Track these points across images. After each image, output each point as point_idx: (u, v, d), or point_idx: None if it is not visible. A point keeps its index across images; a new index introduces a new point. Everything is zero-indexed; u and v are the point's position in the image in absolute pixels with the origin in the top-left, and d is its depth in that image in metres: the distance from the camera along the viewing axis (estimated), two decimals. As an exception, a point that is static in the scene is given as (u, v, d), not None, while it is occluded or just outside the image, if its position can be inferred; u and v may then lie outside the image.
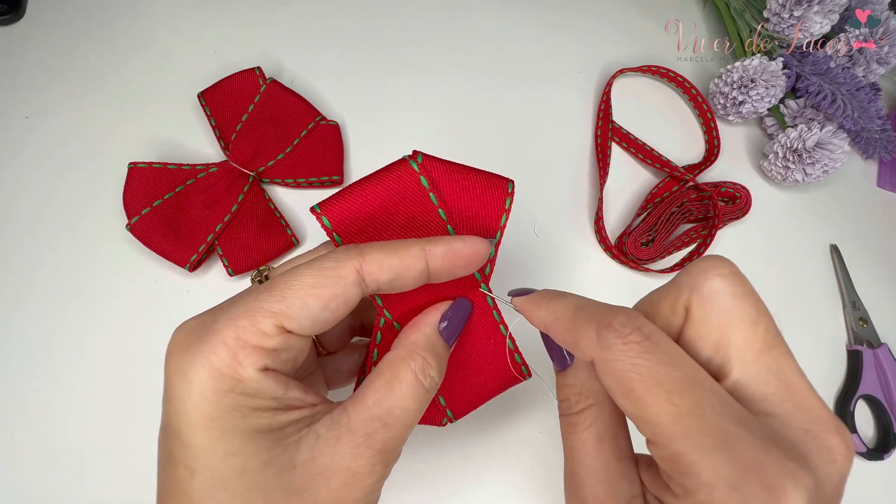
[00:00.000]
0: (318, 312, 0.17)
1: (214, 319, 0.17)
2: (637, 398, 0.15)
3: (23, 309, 0.35)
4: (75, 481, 0.32)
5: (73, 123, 0.40)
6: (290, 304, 0.17)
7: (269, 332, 0.17)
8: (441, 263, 0.19)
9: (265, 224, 0.38)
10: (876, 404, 0.41)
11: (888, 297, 0.45)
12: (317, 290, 0.17)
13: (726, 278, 0.17)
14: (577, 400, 0.19)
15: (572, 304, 0.18)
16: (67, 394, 0.34)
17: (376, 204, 0.20)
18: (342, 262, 0.18)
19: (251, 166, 0.39)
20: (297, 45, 0.46)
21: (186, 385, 0.16)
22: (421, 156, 0.21)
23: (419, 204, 0.21)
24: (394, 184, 0.20)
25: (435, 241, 0.19)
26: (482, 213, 0.21)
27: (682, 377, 0.15)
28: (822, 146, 0.43)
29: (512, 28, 0.50)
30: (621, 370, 0.15)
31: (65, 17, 0.44)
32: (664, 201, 0.44)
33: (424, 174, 0.21)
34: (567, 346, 0.18)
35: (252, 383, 0.16)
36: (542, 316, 0.19)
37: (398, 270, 0.18)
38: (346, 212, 0.20)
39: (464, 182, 0.21)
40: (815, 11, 0.44)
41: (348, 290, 0.18)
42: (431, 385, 0.19)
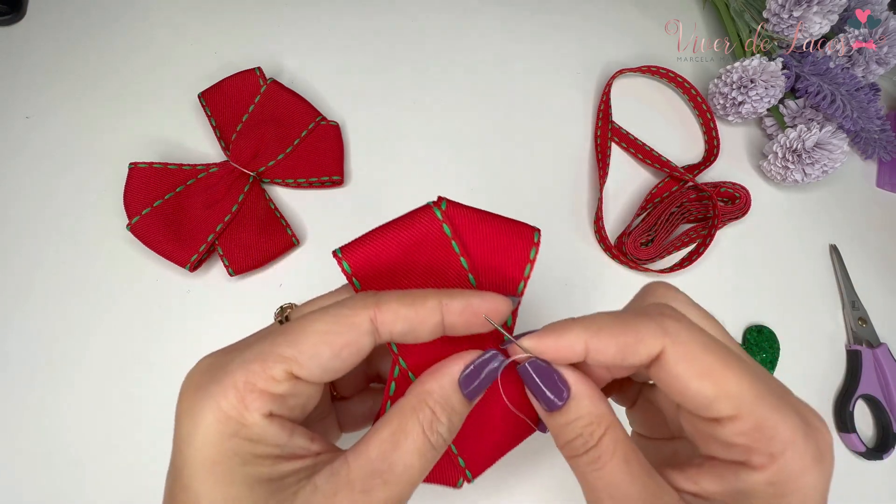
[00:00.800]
0: (328, 360, 0.17)
1: (229, 360, 0.17)
2: (717, 375, 0.16)
3: (23, 309, 0.35)
4: (75, 481, 0.32)
5: (73, 123, 0.41)
6: (302, 351, 0.17)
7: (278, 378, 0.16)
8: (457, 319, 0.18)
9: (265, 224, 0.38)
10: (875, 404, 0.41)
11: (888, 297, 0.45)
12: (329, 336, 0.17)
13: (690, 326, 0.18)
14: (592, 430, 0.18)
15: (608, 313, 0.18)
16: (67, 393, 0.34)
17: (398, 250, 0.20)
18: (357, 310, 0.17)
19: (251, 166, 0.39)
20: (298, 45, 0.46)
21: (193, 426, 0.16)
22: (445, 202, 0.20)
23: (441, 252, 0.20)
24: (416, 231, 0.20)
25: (453, 295, 0.18)
26: (506, 264, 0.21)
27: (732, 352, 0.17)
28: (822, 146, 0.43)
29: (512, 28, 0.50)
30: (697, 351, 0.16)
31: (65, 17, 0.44)
32: (664, 201, 0.44)
33: (448, 222, 0.20)
34: (623, 351, 0.17)
35: (256, 429, 0.16)
36: (576, 336, 0.17)
37: (413, 322, 0.18)
38: (367, 257, 0.20)
39: (487, 231, 0.21)
40: (815, 12, 0.44)
41: (361, 338, 0.17)
42: (439, 442, 0.18)
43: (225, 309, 0.37)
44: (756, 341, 0.41)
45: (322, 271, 0.39)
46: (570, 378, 0.18)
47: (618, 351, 0.17)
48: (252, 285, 0.38)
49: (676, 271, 0.43)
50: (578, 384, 0.18)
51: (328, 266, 0.39)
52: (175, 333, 0.36)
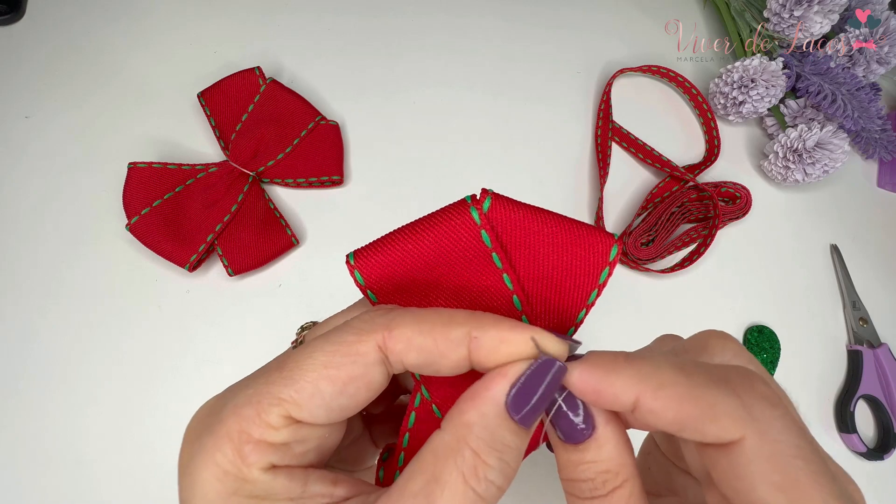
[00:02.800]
0: (331, 399, 0.14)
1: (224, 404, 0.14)
2: (800, 492, 0.12)
3: (22, 309, 0.35)
4: (75, 481, 0.32)
5: (73, 123, 0.40)
6: (300, 389, 0.14)
7: (275, 425, 0.14)
8: (488, 359, 0.14)
9: (265, 224, 0.38)
10: (876, 404, 0.41)
11: (888, 297, 0.45)
12: (331, 370, 0.14)
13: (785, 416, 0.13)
14: (606, 479, 0.15)
15: (674, 366, 0.14)
16: (66, 393, 0.34)
17: (423, 260, 0.16)
18: (362, 336, 0.14)
19: (251, 166, 0.39)
20: (298, 45, 0.46)
21: (191, 485, 0.14)
22: (489, 200, 0.15)
23: (478, 267, 0.16)
24: (446, 237, 0.15)
25: (485, 326, 0.14)
26: (566, 286, 0.16)
27: (826, 466, 0.13)
28: (822, 146, 0.43)
29: (512, 28, 0.50)
30: (786, 454, 0.12)
31: (65, 17, 0.44)
32: (664, 201, 0.44)
33: (487, 228, 0.15)
34: (683, 423, 0.13)
35: (260, 484, 0.14)
36: (630, 384, 0.13)
37: (430, 355, 0.14)
38: (385, 267, 0.16)
39: (545, 240, 0.15)
40: (815, 11, 0.44)
41: (369, 371, 0.14)
42: (490, 492, 0.14)
43: (224, 309, 0.37)
44: (756, 341, 0.41)
45: (322, 271, 0.39)
46: (598, 417, 0.15)
47: (675, 421, 0.13)
48: (251, 285, 0.38)
49: (677, 271, 0.42)
50: (607, 426, 0.15)
51: (328, 266, 0.39)
52: (174, 333, 0.36)
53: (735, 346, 0.16)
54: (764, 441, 0.13)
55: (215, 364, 0.35)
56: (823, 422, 0.41)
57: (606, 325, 0.40)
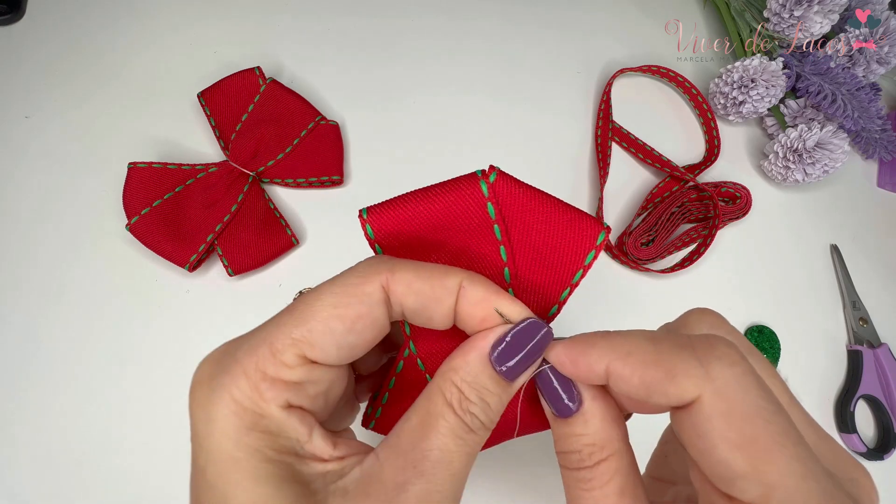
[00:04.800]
0: (342, 337, 0.15)
1: (237, 346, 0.15)
2: (759, 450, 0.12)
3: (22, 308, 0.35)
4: (75, 481, 0.32)
5: (73, 123, 0.40)
6: (313, 328, 0.15)
7: (290, 363, 0.15)
8: (472, 310, 0.16)
9: (265, 224, 0.38)
10: (876, 404, 0.41)
11: (888, 297, 0.45)
12: (340, 309, 0.15)
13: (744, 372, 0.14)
14: (592, 451, 0.16)
15: (644, 335, 0.15)
16: (67, 393, 0.34)
17: (431, 222, 0.17)
18: (368, 277, 0.15)
19: (251, 166, 0.39)
20: (297, 45, 0.46)
21: (208, 421, 0.14)
22: (495, 174, 0.17)
23: (479, 234, 0.17)
24: (456, 204, 0.17)
25: (476, 283, 0.16)
26: (553, 263, 0.17)
27: (793, 427, 0.13)
28: (822, 146, 0.43)
29: (512, 28, 0.50)
30: (743, 412, 0.13)
31: (65, 17, 0.44)
32: (664, 201, 0.44)
33: (493, 201, 0.17)
34: (648, 387, 0.14)
35: (275, 419, 0.15)
36: (602, 354, 0.15)
37: (426, 299, 0.16)
38: (395, 223, 0.17)
39: (540, 219, 0.17)
40: (815, 11, 0.44)
41: (374, 309, 0.15)
42: (475, 423, 0.16)
43: (224, 309, 0.37)
44: (756, 341, 0.41)
45: (322, 271, 0.39)
46: (585, 393, 0.16)
47: (642, 384, 0.14)
48: (251, 285, 0.38)
49: (677, 271, 0.42)
50: (593, 401, 0.16)
51: (328, 266, 0.39)
52: (174, 333, 0.36)
53: (712, 318, 0.17)
54: (720, 399, 0.13)
55: (215, 364, 0.35)
56: (823, 422, 0.41)
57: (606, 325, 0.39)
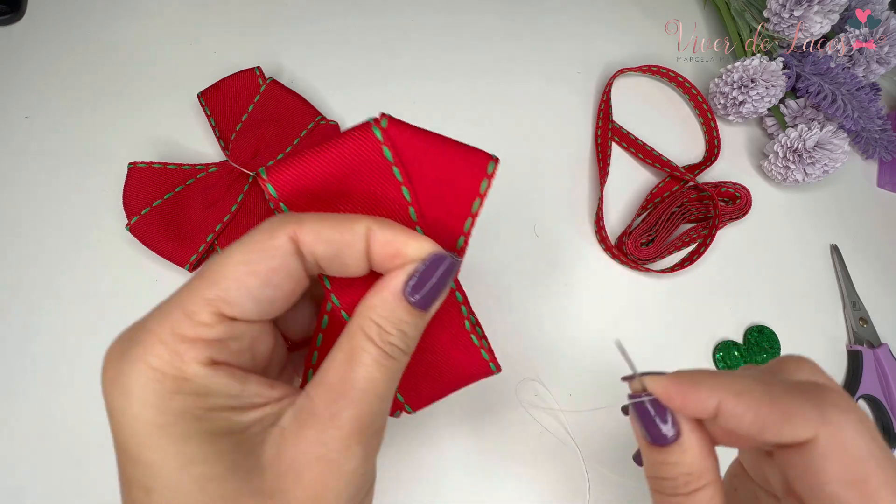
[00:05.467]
0: (259, 291, 0.15)
1: (147, 318, 0.15)
2: (870, 490, 0.14)
3: (22, 309, 0.35)
4: (75, 482, 0.32)
5: (73, 123, 0.40)
6: (226, 287, 0.15)
7: (208, 322, 0.15)
8: (383, 251, 0.17)
9: (265, 224, 0.38)
10: (876, 404, 0.41)
11: (888, 297, 0.45)
12: (251, 266, 0.15)
13: (860, 421, 0.15)
14: (688, 480, 0.17)
15: (752, 377, 0.16)
16: (67, 393, 0.34)
17: (332, 174, 0.17)
18: (275, 232, 0.16)
19: (251, 166, 0.39)
20: (297, 45, 0.46)
21: (124, 395, 0.14)
22: (386, 120, 0.17)
23: (381, 178, 0.18)
24: (353, 152, 0.17)
25: (383, 226, 0.16)
26: (453, 196, 0.18)
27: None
28: (822, 146, 0.43)
29: (512, 28, 0.50)
30: (857, 455, 0.14)
31: (65, 17, 0.44)
32: (664, 201, 0.44)
33: (388, 144, 0.17)
34: (762, 425, 0.15)
35: (200, 380, 0.14)
36: (713, 392, 0.16)
37: (337, 245, 0.16)
38: (296, 180, 0.17)
39: (435, 157, 0.18)
40: (815, 11, 0.44)
41: (286, 261, 0.16)
42: (396, 352, 0.17)
43: (224, 309, 0.37)
44: (756, 341, 0.41)
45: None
46: (684, 424, 0.17)
47: (755, 422, 0.15)
48: (252, 285, 0.38)
49: (677, 271, 0.42)
50: (691, 433, 0.17)
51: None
52: (175, 333, 0.36)
53: (811, 366, 0.18)
54: (836, 440, 0.14)
55: (215, 364, 0.35)
56: (823, 422, 0.41)
57: (606, 325, 0.40)
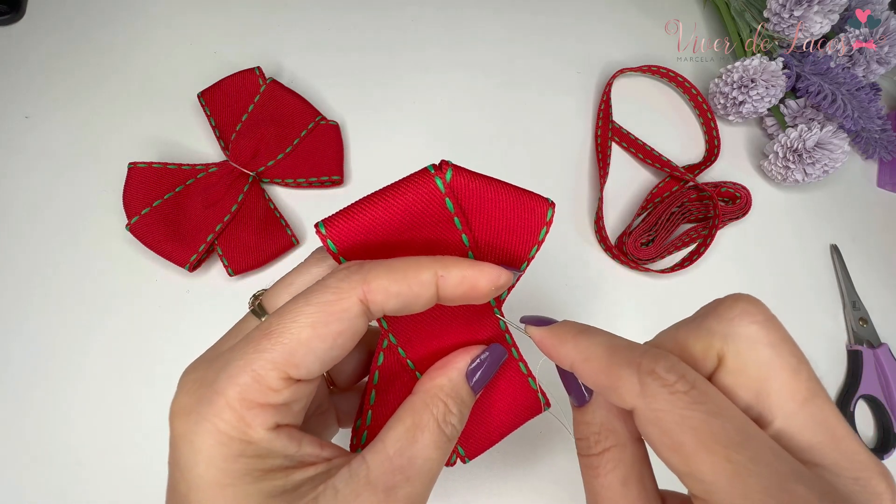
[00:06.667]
0: (324, 353, 0.16)
1: (215, 375, 0.15)
2: (689, 453, 0.14)
3: (22, 309, 0.35)
4: (75, 482, 0.32)
5: (73, 123, 0.40)
6: (294, 351, 0.15)
7: (276, 387, 0.15)
8: (454, 293, 0.17)
9: (265, 224, 0.38)
10: (876, 404, 0.41)
11: (888, 297, 0.45)
12: (319, 329, 0.15)
13: (763, 326, 0.15)
14: (597, 440, 0.18)
15: (604, 344, 0.17)
16: (67, 393, 0.34)
17: (390, 226, 0.17)
18: (344, 294, 0.16)
19: (251, 166, 0.39)
20: (297, 45, 0.46)
21: (193, 452, 0.15)
22: (450, 171, 0.17)
23: (440, 229, 0.18)
24: (414, 204, 0.17)
25: (448, 266, 0.17)
26: (511, 241, 0.19)
27: (735, 429, 0.14)
28: (822, 146, 0.43)
29: (512, 28, 0.50)
30: (670, 422, 0.14)
31: (65, 17, 0.44)
32: (664, 201, 0.44)
33: (451, 195, 0.17)
34: (600, 390, 0.17)
35: (264, 444, 0.15)
36: (569, 353, 0.17)
37: (406, 299, 0.16)
38: (355, 233, 0.17)
39: (496, 204, 0.18)
40: (815, 11, 0.44)
41: (354, 323, 0.16)
42: (453, 434, 0.18)
43: (224, 309, 0.37)
44: (756, 341, 0.41)
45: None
46: None
47: (596, 388, 0.17)
48: (251, 285, 0.38)
49: (677, 271, 0.42)
50: (599, 395, 0.18)
51: (328, 266, 0.39)
52: (174, 333, 0.36)
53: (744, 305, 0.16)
54: (647, 412, 0.15)
55: (215, 364, 0.35)
56: (823, 422, 0.41)
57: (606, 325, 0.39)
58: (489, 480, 0.35)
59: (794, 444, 0.15)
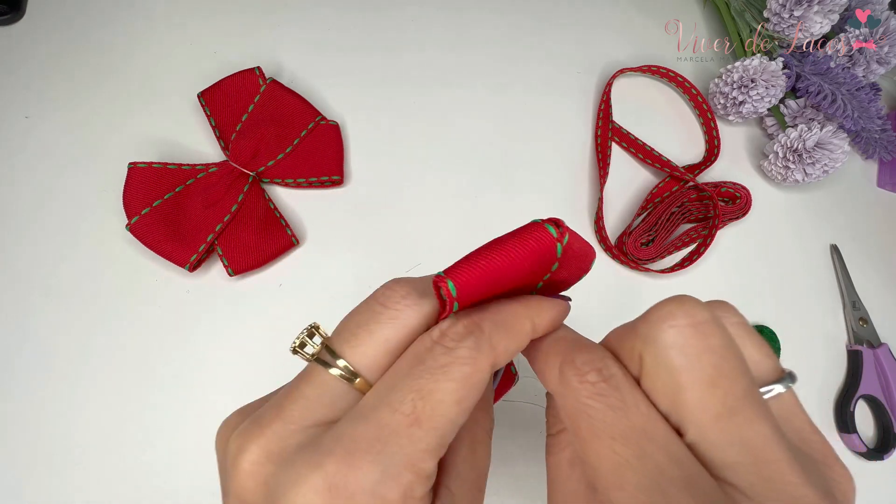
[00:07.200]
0: (462, 421, 0.16)
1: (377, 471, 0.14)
2: (581, 439, 0.15)
3: (22, 309, 0.35)
4: (76, 482, 0.32)
5: (73, 123, 0.40)
6: (447, 434, 0.15)
7: (430, 472, 0.15)
8: (542, 333, 0.18)
9: (265, 224, 0.38)
10: (876, 404, 0.41)
11: (888, 297, 0.45)
12: (464, 405, 0.15)
13: (681, 331, 0.15)
14: (553, 423, 0.19)
15: (562, 336, 0.18)
16: (67, 393, 0.34)
17: (506, 275, 0.17)
18: (479, 366, 0.16)
19: (251, 166, 0.39)
20: (297, 45, 0.46)
21: None
22: (566, 236, 0.18)
23: (539, 269, 0.18)
24: (535, 264, 0.18)
25: (541, 313, 0.18)
26: (564, 283, 0.21)
27: (629, 426, 0.14)
28: (822, 146, 0.43)
29: (512, 29, 0.50)
30: (572, 408, 0.15)
31: (65, 17, 0.44)
32: (664, 201, 0.44)
33: (561, 240, 0.18)
34: (536, 373, 0.18)
35: None
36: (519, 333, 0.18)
37: (516, 352, 0.17)
38: (475, 283, 0.17)
39: (574, 257, 0.20)
40: (815, 11, 0.44)
41: (484, 389, 0.16)
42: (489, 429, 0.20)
43: (224, 309, 0.37)
44: (756, 341, 0.41)
45: (322, 271, 0.39)
46: None
47: (536, 372, 0.18)
48: (251, 285, 0.38)
49: (677, 271, 0.42)
50: None
51: (328, 266, 0.39)
52: (174, 333, 0.36)
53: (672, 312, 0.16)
54: (558, 397, 0.16)
55: (215, 364, 0.35)
56: (823, 422, 0.41)
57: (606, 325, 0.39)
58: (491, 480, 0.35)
59: (709, 458, 0.14)
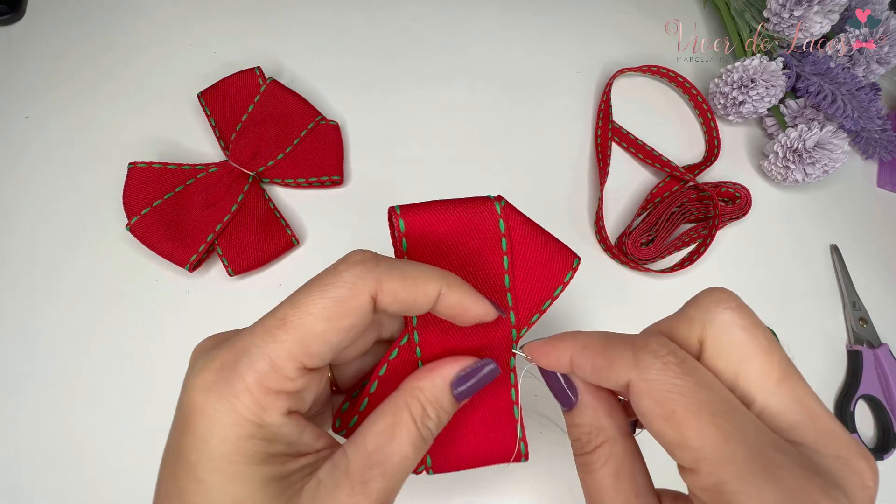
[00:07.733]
0: (336, 344, 0.17)
1: (235, 359, 0.16)
2: (678, 420, 0.15)
3: (22, 309, 0.35)
4: (75, 481, 0.32)
5: (73, 123, 0.40)
6: (310, 343, 0.16)
7: (292, 376, 0.16)
8: (446, 311, 0.19)
9: (265, 224, 0.38)
10: (876, 404, 0.41)
11: (888, 297, 0.45)
12: (334, 323, 0.17)
13: (736, 311, 0.17)
14: (589, 439, 0.19)
15: (601, 333, 0.18)
16: (67, 393, 0.34)
17: (453, 227, 0.20)
18: (358, 290, 0.17)
19: (251, 166, 0.39)
20: (297, 45, 0.46)
21: (210, 425, 0.16)
22: (504, 201, 0.21)
23: (489, 244, 0.21)
24: (475, 216, 0.20)
25: (452, 287, 0.18)
26: (540, 278, 0.21)
27: (722, 400, 0.15)
28: (822, 146, 0.43)
29: (512, 29, 0.50)
30: (661, 391, 0.15)
31: (65, 17, 0.44)
32: (664, 201, 0.44)
33: (504, 218, 0.21)
34: (597, 373, 0.18)
35: (274, 428, 0.16)
36: (568, 346, 0.19)
37: (407, 305, 0.18)
38: (424, 223, 0.20)
39: (535, 240, 0.21)
40: (815, 11, 0.44)
41: (364, 318, 0.17)
42: (428, 436, 0.19)
43: (224, 309, 0.37)
44: (756, 341, 0.41)
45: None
46: (578, 386, 0.20)
47: (592, 371, 0.18)
48: (251, 285, 0.38)
49: (677, 271, 0.42)
50: (585, 394, 0.19)
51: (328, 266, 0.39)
52: (174, 333, 0.36)
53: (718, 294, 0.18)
54: (642, 382, 0.16)
55: (215, 364, 0.35)
56: (823, 422, 0.41)
57: (606, 325, 0.40)
58: (490, 480, 0.35)
59: (776, 422, 0.15)
